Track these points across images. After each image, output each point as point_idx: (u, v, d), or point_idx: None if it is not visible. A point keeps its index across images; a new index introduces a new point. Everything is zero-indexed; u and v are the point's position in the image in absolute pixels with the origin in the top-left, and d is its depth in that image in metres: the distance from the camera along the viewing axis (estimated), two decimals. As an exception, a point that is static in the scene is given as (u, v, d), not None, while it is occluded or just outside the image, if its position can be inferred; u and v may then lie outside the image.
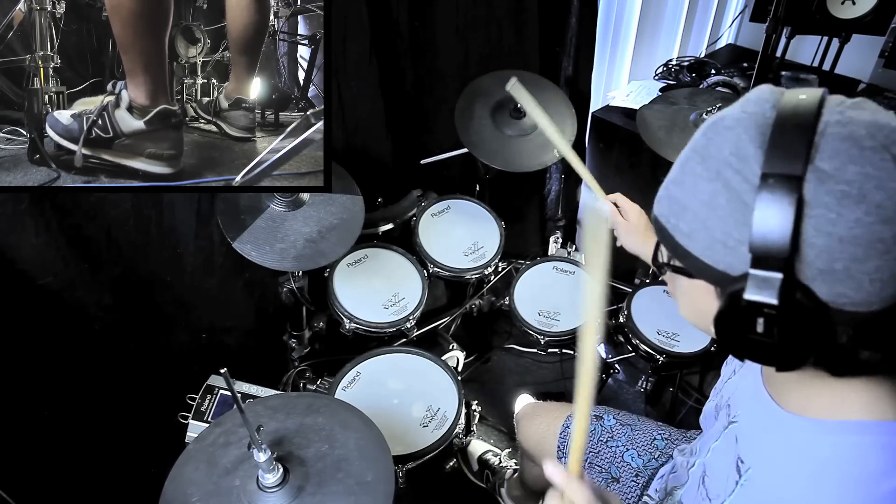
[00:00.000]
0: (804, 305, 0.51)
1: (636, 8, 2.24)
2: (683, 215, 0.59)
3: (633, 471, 1.12)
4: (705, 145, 0.57)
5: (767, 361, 0.57)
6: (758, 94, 0.55)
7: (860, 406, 0.57)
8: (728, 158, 0.54)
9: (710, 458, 0.81)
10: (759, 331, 0.53)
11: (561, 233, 2.29)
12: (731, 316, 0.55)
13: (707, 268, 0.57)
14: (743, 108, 0.55)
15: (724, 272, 0.55)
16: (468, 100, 1.72)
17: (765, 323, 0.52)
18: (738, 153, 0.53)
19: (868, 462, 0.55)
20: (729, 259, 0.55)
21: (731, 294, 0.54)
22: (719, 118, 0.57)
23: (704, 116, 1.59)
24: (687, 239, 0.58)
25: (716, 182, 0.55)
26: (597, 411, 1.22)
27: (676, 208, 0.60)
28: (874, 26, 1.86)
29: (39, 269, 1.25)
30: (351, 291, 1.59)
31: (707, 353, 1.60)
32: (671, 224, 0.60)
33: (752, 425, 0.71)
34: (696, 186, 0.57)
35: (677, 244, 0.60)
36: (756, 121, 0.53)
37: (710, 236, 0.56)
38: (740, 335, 0.55)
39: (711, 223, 0.55)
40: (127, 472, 1.45)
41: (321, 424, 0.98)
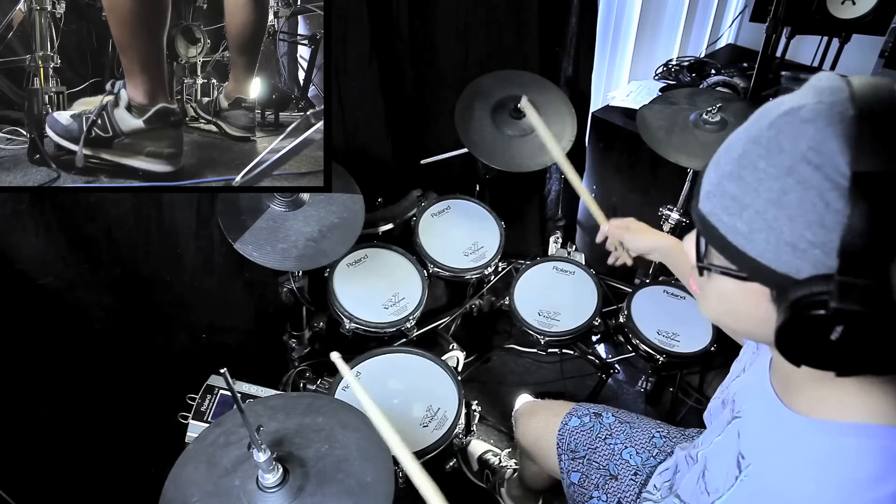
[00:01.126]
0: (889, 312, 0.47)
1: (636, 8, 2.24)
2: (742, 214, 0.54)
3: (631, 468, 1.12)
4: (773, 138, 0.52)
5: (830, 367, 0.54)
6: (829, 83, 0.51)
7: (864, 409, 0.57)
8: (806, 153, 0.49)
9: (710, 451, 0.81)
10: (834, 338, 0.49)
11: (561, 233, 2.29)
12: (802, 324, 0.51)
13: (766, 270, 0.53)
14: (819, 99, 0.50)
15: (787, 275, 0.51)
16: (468, 100, 1.72)
17: (844, 330, 0.49)
18: (819, 148, 0.48)
19: (867, 465, 0.55)
20: (797, 262, 0.50)
21: (800, 300, 0.50)
22: (792, 108, 0.51)
23: (705, 116, 1.59)
24: (744, 240, 0.54)
25: (786, 179, 0.50)
26: (596, 409, 1.23)
27: (733, 206, 0.55)
28: (874, 26, 1.86)
29: (39, 269, 1.25)
30: (351, 291, 1.59)
31: (707, 353, 1.60)
32: (724, 223, 0.56)
33: (755, 422, 0.71)
34: (761, 183, 0.52)
35: (730, 244, 0.55)
36: (838, 112, 0.48)
37: (776, 237, 0.51)
38: (810, 343, 0.52)
39: (779, 224, 0.51)
40: (127, 472, 1.45)
41: (321, 424, 0.98)
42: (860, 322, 0.48)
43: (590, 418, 1.20)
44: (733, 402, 0.79)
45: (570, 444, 1.18)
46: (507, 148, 1.71)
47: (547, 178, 2.31)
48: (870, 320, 0.48)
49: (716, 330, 1.64)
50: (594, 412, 1.21)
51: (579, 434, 1.18)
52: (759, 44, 1.81)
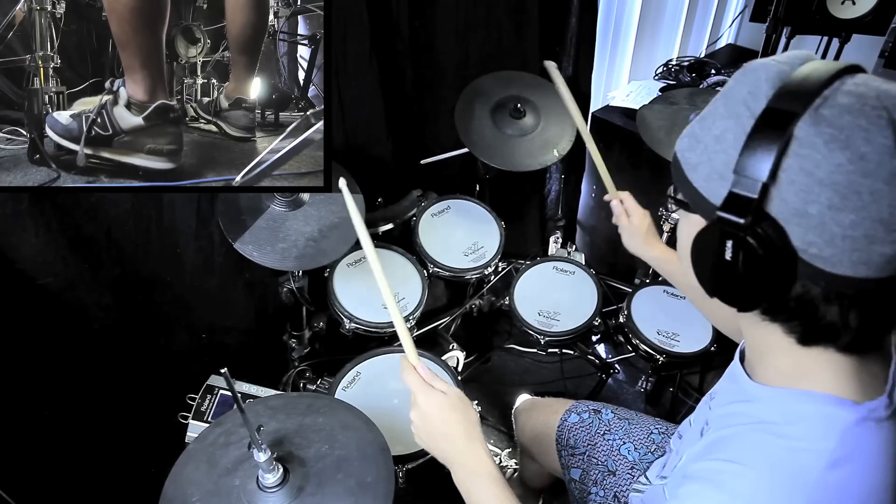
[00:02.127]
0: (772, 239, 0.52)
1: (636, 8, 2.24)
2: (696, 148, 0.61)
3: (628, 464, 1.12)
4: (731, 86, 0.59)
5: (731, 297, 0.59)
6: (794, 52, 0.58)
7: (817, 379, 0.59)
8: (745, 96, 0.56)
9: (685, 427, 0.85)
10: (727, 256, 0.55)
11: (561, 233, 2.29)
12: (705, 238, 0.58)
13: (702, 199, 0.59)
14: (775, 58, 0.57)
15: (715, 204, 0.57)
16: (468, 100, 1.72)
17: (732, 247, 0.54)
18: (754, 91, 0.55)
19: (795, 425, 0.57)
20: (721, 190, 0.56)
21: (711, 220, 0.57)
22: (750, 63, 0.59)
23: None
24: (692, 171, 0.61)
25: (729, 119, 0.57)
26: (595, 406, 1.23)
27: (692, 142, 0.62)
28: (874, 26, 1.86)
29: (39, 269, 1.25)
30: (351, 291, 1.59)
31: (707, 353, 1.60)
32: (684, 157, 0.62)
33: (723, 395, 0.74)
34: (714, 122, 0.59)
35: (684, 175, 0.62)
36: (780, 68, 0.55)
37: (711, 167, 0.58)
38: (709, 259, 0.58)
39: (715, 155, 0.58)
40: (127, 472, 1.45)
41: (321, 425, 0.98)
42: (744, 239, 0.53)
43: (589, 415, 1.20)
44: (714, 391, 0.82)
45: (570, 441, 1.18)
46: (507, 148, 1.71)
47: (547, 178, 2.31)
48: (753, 237, 0.53)
49: (716, 330, 1.64)
50: (593, 409, 1.22)
51: (578, 430, 1.18)
52: (759, 44, 1.81)
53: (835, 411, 0.57)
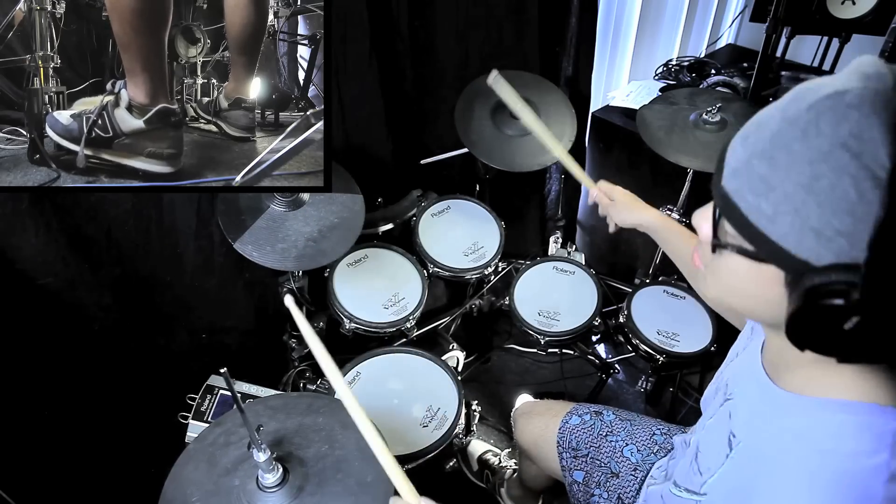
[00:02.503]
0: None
1: (636, 8, 2.24)
2: (768, 195, 0.52)
3: (631, 465, 1.12)
4: (812, 120, 0.49)
5: (834, 353, 0.53)
6: (875, 68, 0.49)
7: (853, 388, 0.57)
8: (846, 140, 0.47)
9: (703, 434, 0.81)
10: (847, 328, 0.49)
11: (561, 233, 2.29)
12: (817, 311, 0.50)
13: (785, 254, 0.52)
14: (866, 84, 0.48)
15: (807, 261, 0.50)
16: (468, 100, 1.72)
17: (859, 322, 0.48)
18: (860, 135, 0.47)
19: (848, 439, 0.55)
20: (819, 249, 0.49)
21: (818, 287, 0.49)
22: (836, 92, 0.49)
23: (705, 116, 1.59)
24: (768, 222, 0.52)
25: (821, 164, 0.49)
26: (596, 408, 1.23)
27: (759, 186, 0.53)
28: (874, 26, 1.86)
29: (39, 269, 1.25)
30: (351, 291, 1.59)
31: (707, 353, 1.60)
32: (748, 202, 0.54)
33: (745, 402, 0.72)
34: (793, 166, 0.50)
35: (752, 225, 0.53)
36: (883, 100, 0.47)
37: (802, 222, 0.50)
38: (822, 329, 0.51)
39: (807, 209, 0.50)
40: (127, 472, 1.45)
41: (321, 425, 0.98)
42: (878, 314, 0.48)
43: (590, 416, 1.20)
44: (726, 385, 0.80)
45: (572, 443, 1.18)
46: (507, 148, 1.71)
47: (547, 178, 2.31)
48: (886, 313, 0.48)
49: (716, 330, 1.64)
50: (594, 410, 1.22)
51: (581, 432, 1.18)
52: (759, 44, 1.81)
53: (880, 421, 0.54)
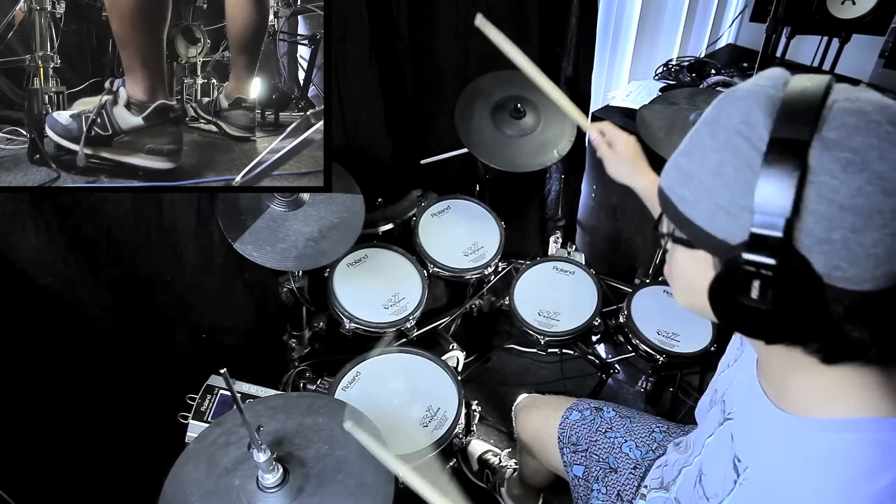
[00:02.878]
0: (799, 272, 0.51)
1: (636, 8, 2.24)
2: (689, 184, 0.59)
3: (631, 462, 1.12)
4: (716, 116, 0.58)
5: (757, 332, 0.58)
6: (770, 72, 0.56)
7: (853, 402, 0.58)
8: (738, 126, 0.54)
9: (705, 455, 0.81)
10: (754, 296, 0.53)
11: (561, 233, 2.29)
12: (727, 280, 0.56)
13: (708, 236, 0.57)
14: (755, 82, 0.56)
15: (724, 240, 0.56)
16: (468, 100, 1.72)
17: (760, 287, 0.53)
18: (748, 121, 0.54)
19: (862, 459, 0.55)
20: (731, 227, 0.55)
21: (729, 259, 0.55)
22: (731, 91, 0.58)
23: (704, 116, 1.59)
24: (690, 207, 0.59)
25: (724, 151, 0.55)
26: (596, 404, 1.23)
27: (683, 178, 0.60)
28: (874, 26, 1.86)
29: (39, 269, 1.25)
30: (351, 291, 1.59)
31: (707, 353, 1.60)
32: (676, 194, 0.61)
33: (748, 423, 0.71)
34: (705, 156, 0.57)
35: (680, 213, 0.60)
36: (767, 92, 0.54)
37: (714, 203, 0.56)
38: (734, 300, 0.55)
39: (716, 190, 0.56)
40: (127, 472, 1.45)
41: (321, 425, 0.98)
42: (773, 278, 0.52)
43: (590, 412, 1.21)
44: (723, 402, 0.80)
45: (572, 438, 1.18)
46: (507, 148, 1.71)
47: (547, 178, 2.31)
48: (781, 276, 0.51)
49: (716, 330, 1.64)
50: (594, 406, 1.22)
51: (580, 427, 1.19)
52: (759, 44, 1.81)
53: (886, 436, 0.55)
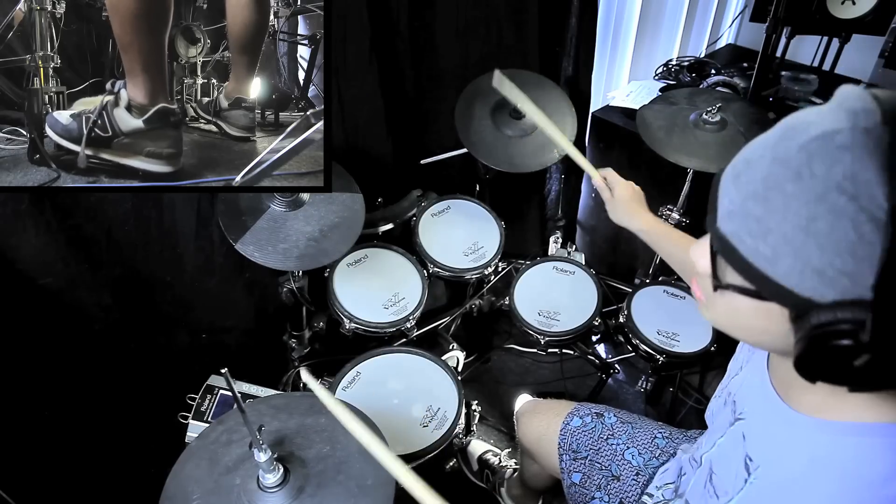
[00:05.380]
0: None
1: (636, 8, 2.24)
2: (767, 237, 0.52)
3: (633, 469, 1.12)
4: (805, 162, 0.49)
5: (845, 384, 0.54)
6: (862, 104, 0.49)
7: (869, 407, 0.57)
8: (841, 183, 0.47)
9: (715, 454, 0.81)
10: (857, 364, 0.49)
11: (561, 233, 2.29)
12: (825, 349, 0.50)
13: (788, 293, 0.52)
14: (854, 123, 0.48)
15: (810, 299, 0.50)
16: (468, 100, 1.72)
17: (869, 359, 0.49)
18: (855, 177, 0.47)
19: (875, 463, 0.55)
20: (822, 288, 0.50)
21: (823, 325, 0.49)
22: (827, 133, 0.49)
23: (705, 116, 1.59)
24: (767, 263, 0.52)
25: (818, 206, 0.48)
26: (598, 409, 1.23)
27: (756, 228, 0.53)
28: (874, 26, 1.86)
29: (39, 269, 1.25)
30: (351, 291, 1.59)
31: (707, 353, 1.60)
32: (746, 245, 0.54)
33: (759, 423, 0.71)
34: (789, 208, 0.50)
35: (751, 266, 0.54)
36: (874, 139, 0.47)
37: (803, 263, 0.50)
38: (832, 365, 0.51)
39: (807, 250, 0.49)
40: (127, 472, 1.45)
41: (323, 425, 0.98)
42: (886, 350, 0.48)
43: (592, 418, 1.20)
44: (734, 402, 0.79)
45: (572, 445, 1.18)
46: (507, 148, 1.71)
47: (547, 178, 2.31)
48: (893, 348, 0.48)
49: (716, 330, 1.64)
50: (596, 412, 1.21)
51: (581, 434, 1.18)
52: (759, 44, 1.81)
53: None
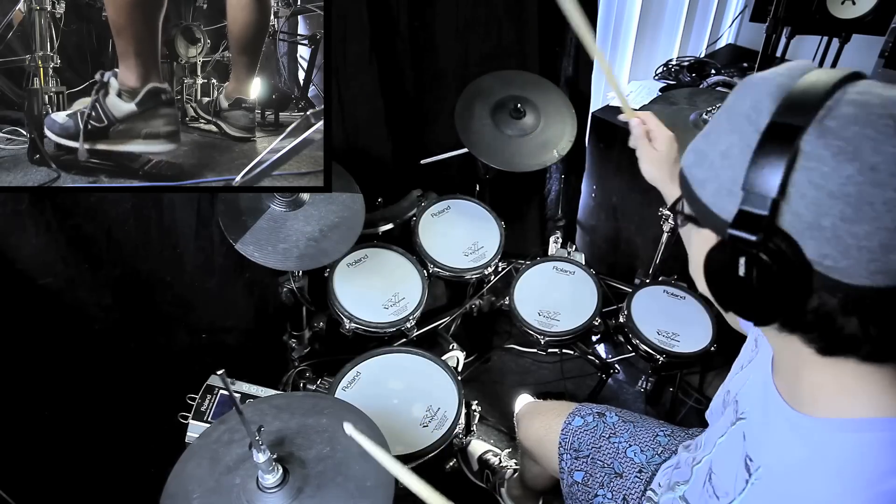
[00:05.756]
0: (785, 253, 0.52)
1: (636, 8, 2.24)
2: (702, 164, 0.61)
3: (636, 466, 1.12)
4: (733, 101, 0.60)
5: (746, 310, 0.58)
6: (794, 63, 0.58)
7: (867, 401, 0.58)
8: (747, 111, 0.56)
9: (715, 454, 0.81)
10: (741, 273, 0.55)
11: (561, 233, 2.29)
12: (718, 256, 0.58)
13: (712, 215, 0.59)
14: (775, 71, 0.57)
15: (724, 219, 0.57)
16: (468, 100, 1.72)
17: (746, 263, 0.54)
18: (756, 106, 0.55)
19: (874, 459, 0.55)
20: (730, 206, 0.56)
21: (722, 236, 0.56)
22: (750, 77, 0.59)
23: (705, 116, 1.59)
24: (700, 187, 0.61)
25: (734, 134, 0.57)
26: (599, 409, 1.23)
27: (698, 158, 0.62)
28: (874, 26, 1.86)
29: (39, 270, 1.25)
30: (351, 291, 1.59)
31: (707, 353, 1.60)
32: (691, 173, 0.63)
33: (761, 424, 0.71)
34: (719, 138, 0.59)
35: (693, 192, 0.62)
36: (780, 81, 0.55)
37: (719, 183, 0.58)
38: (723, 276, 0.57)
39: (723, 171, 0.57)
40: (127, 472, 1.45)
41: (324, 426, 0.98)
42: (757, 255, 0.53)
43: (593, 418, 1.20)
44: (735, 402, 0.79)
45: (574, 444, 1.18)
46: (507, 148, 1.71)
47: (547, 178, 2.31)
48: (766, 253, 0.52)
49: (716, 330, 1.64)
50: (597, 412, 1.22)
51: (583, 433, 1.18)
52: (759, 44, 1.81)
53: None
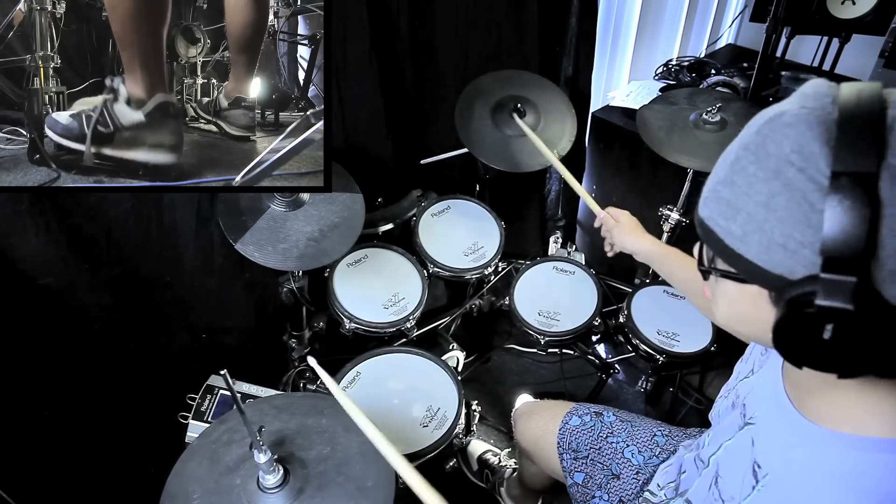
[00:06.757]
0: (877, 309, 0.48)
1: (636, 8, 2.24)
2: (736, 217, 0.56)
3: (633, 467, 1.12)
4: (761, 143, 0.54)
5: (830, 368, 0.54)
6: (815, 89, 0.53)
7: (888, 422, 0.56)
8: (789, 156, 0.51)
9: (722, 457, 0.80)
10: (826, 337, 0.50)
11: (561, 233, 2.29)
12: (795, 322, 0.52)
13: (762, 272, 0.54)
14: (802, 104, 0.52)
15: (782, 276, 0.52)
16: (468, 100, 1.72)
17: (834, 329, 0.49)
18: (801, 151, 0.50)
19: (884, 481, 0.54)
20: (789, 262, 0.52)
21: (794, 299, 0.51)
22: (776, 114, 0.53)
23: (705, 116, 1.59)
24: (740, 242, 0.55)
25: (774, 182, 0.52)
26: (596, 408, 1.23)
27: (727, 210, 0.57)
28: (874, 26, 1.86)
29: (39, 270, 1.25)
30: (351, 291, 1.59)
31: (707, 353, 1.60)
32: (721, 227, 0.57)
33: (770, 430, 0.70)
34: (751, 187, 0.54)
35: (727, 247, 0.57)
36: (818, 116, 0.50)
37: (768, 239, 0.53)
38: (804, 342, 0.52)
39: (769, 225, 0.52)
40: (127, 472, 1.45)
41: (325, 426, 0.98)
42: (849, 319, 0.48)
43: (591, 417, 1.20)
44: (744, 405, 0.78)
45: (572, 444, 1.18)
46: (507, 148, 1.71)
47: (547, 178, 2.32)
48: (858, 317, 0.48)
49: (716, 330, 1.64)
50: (595, 411, 1.21)
51: (581, 433, 1.18)
52: (759, 44, 1.81)
53: None
